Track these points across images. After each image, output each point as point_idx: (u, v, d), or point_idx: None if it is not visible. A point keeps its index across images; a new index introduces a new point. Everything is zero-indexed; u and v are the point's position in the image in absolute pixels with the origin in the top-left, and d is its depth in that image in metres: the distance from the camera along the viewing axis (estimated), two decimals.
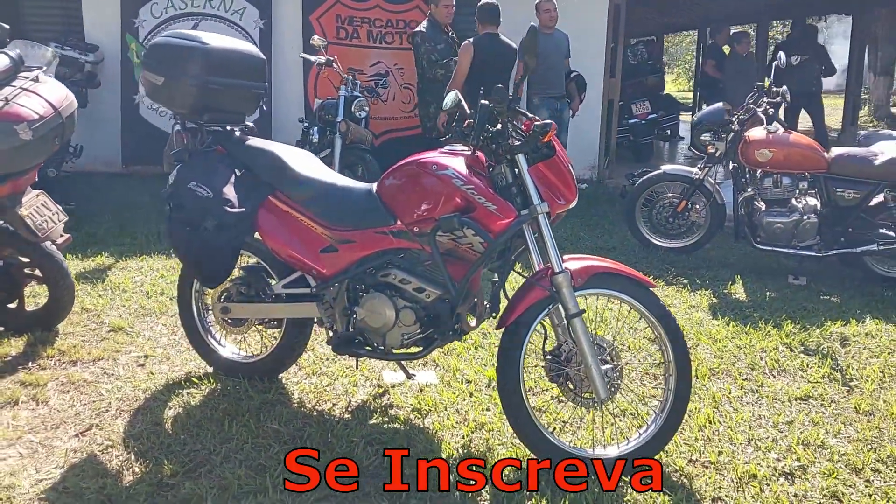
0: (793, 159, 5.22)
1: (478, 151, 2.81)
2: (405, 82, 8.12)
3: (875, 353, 3.97)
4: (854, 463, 2.88)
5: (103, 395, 3.25)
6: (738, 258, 5.84)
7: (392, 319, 2.88)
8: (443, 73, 6.45)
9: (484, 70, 6.10)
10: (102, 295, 4.52)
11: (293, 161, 3.08)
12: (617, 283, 2.79)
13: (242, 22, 7.89)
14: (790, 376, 3.68)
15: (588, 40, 7.94)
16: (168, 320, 4.13)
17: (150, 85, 3.10)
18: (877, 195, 5.12)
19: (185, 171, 3.01)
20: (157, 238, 5.78)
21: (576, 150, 7.87)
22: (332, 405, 3.18)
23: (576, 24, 7.57)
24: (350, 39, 7.94)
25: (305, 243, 3.00)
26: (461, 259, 2.80)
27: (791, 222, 5.22)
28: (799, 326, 4.29)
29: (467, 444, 2.91)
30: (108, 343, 3.82)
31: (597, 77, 8.06)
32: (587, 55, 7.88)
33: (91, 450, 2.83)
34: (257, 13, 7.91)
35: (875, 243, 5.07)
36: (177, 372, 3.48)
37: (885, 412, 3.30)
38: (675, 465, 2.83)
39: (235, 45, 3.18)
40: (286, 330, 3.25)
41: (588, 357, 2.70)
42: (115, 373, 3.47)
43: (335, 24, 7.93)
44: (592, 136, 8.22)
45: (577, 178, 2.91)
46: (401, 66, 8.12)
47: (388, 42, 8.04)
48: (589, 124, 8.07)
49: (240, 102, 3.21)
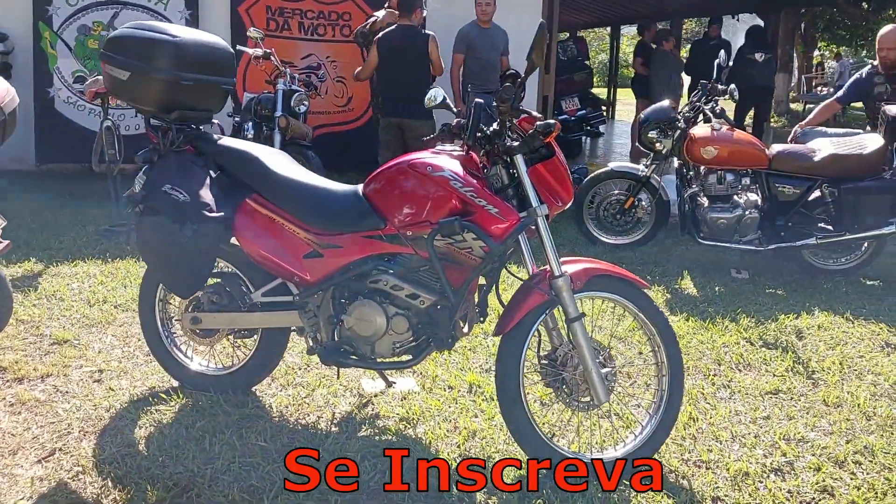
0: (736, 156, 5.34)
1: (470, 152, 2.73)
2: (338, 75, 7.93)
3: (830, 345, 4.10)
4: (836, 456, 2.95)
5: (61, 416, 3.01)
6: (681, 253, 5.96)
7: (383, 327, 2.77)
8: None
9: (391, 62, 6.05)
10: (37, 304, 4.21)
11: (271, 161, 2.92)
12: (613, 285, 2.76)
13: (167, 12, 7.51)
14: (756, 371, 3.76)
15: (523, 36, 7.92)
16: (117, 330, 3.88)
17: (113, 80, 2.88)
18: (815, 190, 5.30)
19: (157, 173, 2.80)
20: (87, 242, 5.44)
21: None
22: (317, 418, 3.04)
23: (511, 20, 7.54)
24: (281, 31, 7.68)
25: (287, 249, 2.85)
26: (457, 263, 2.70)
27: (734, 217, 5.34)
28: (754, 321, 4.39)
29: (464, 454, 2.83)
30: (53, 357, 3.55)
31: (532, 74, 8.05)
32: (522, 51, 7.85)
33: (59, 477, 2.60)
34: (183, 3, 7.54)
35: (814, 237, 5.25)
36: (139, 387, 3.26)
37: (852, 404, 3.40)
38: (669, 465, 2.83)
39: (205, 38, 2.99)
40: (261, 340, 3.09)
41: (588, 361, 2.66)
42: (70, 390, 3.22)
43: (265, 16, 7.66)
44: None
45: None
46: (333, 58, 7.93)
47: (321, 34, 7.83)
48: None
49: (210, 99, 3.02)
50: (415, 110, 6.06)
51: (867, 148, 5.14)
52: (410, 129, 6.12)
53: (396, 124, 6.19)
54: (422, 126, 6.09)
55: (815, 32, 23.24)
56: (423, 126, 6.08)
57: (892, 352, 4.03)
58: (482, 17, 6.80)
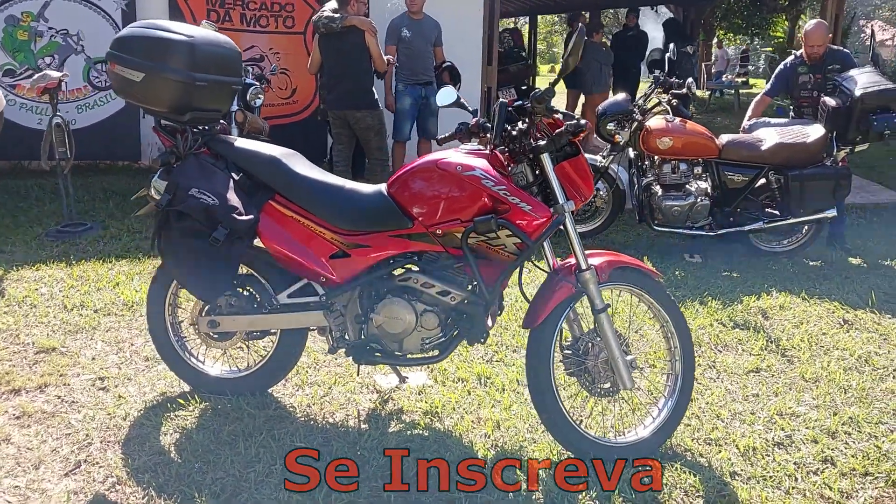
0: (689, 147, 5.59)
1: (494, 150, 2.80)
2: (282, 67, 7.81)
3: (794, 323, 4.37)
4: (829, 428, 3.18)
5: (75, 427, 2.92)
6: (635, 239, 6.20)
7: (412, 324, 2.81)
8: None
9: (330, 54, 6.06)
10: (9, 312, 4.04)
11: (291, 162, 2.91)
12: (632, 276, 2.89)
13: (101, 3, 7.23)
14: (734, 350, 3.98)
15: (465, 27, 8.02)
16: (106, 336, 3.77)
17: (124, 81, 2.79)
18: (761, 178, 5.61)
19: (180, 177, 2.74)
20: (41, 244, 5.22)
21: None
22: (345, 416, 3.06)
23: (452, 11, 7.60)
24: (222, 22, 7.49)
25: (312, 249, 2.85)
26: (488, 259, 2.77)
27: (687, 205, 5.60)
28: (720, 303, 4.63)
29: (496, 444, 2.91)
30: (44, 367, 3.43)
31: (475, 65, 8.17)
32: (464, 42, 7.96)
33: (95, 489, 2.55)
34: None
35: (762, 221, 5.56)
36: (149, 393, 3.19)
37: (828, 379, 3.65)
38: (684, 444, 2.99)
39: (215, 37, 2.94)
40: (280, 340, 3.07)
41: (615, 350, 2.78)
42: (78, 400, 3.13)
43: (205, 6, 7.46)
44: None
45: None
46: (276, 50, 7.81)
47: (263, 25, 7.69)
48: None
49: (221, 99, 2.97)
50: (357, 101, 6.06)
51: (810, 137, 5.47)
52: (355, 120, 6.12)
53: (342, 116, 6.18)
54: (366, 116, 6.09)
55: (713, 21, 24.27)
56: (367, 116, 6.09)
57: (850, 328, 4.33)
58: (412, 7, 6.79)
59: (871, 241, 6.27)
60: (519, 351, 3.77)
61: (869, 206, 7.37)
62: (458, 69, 7.06)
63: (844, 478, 2.82)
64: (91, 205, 6.35)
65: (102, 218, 6.00)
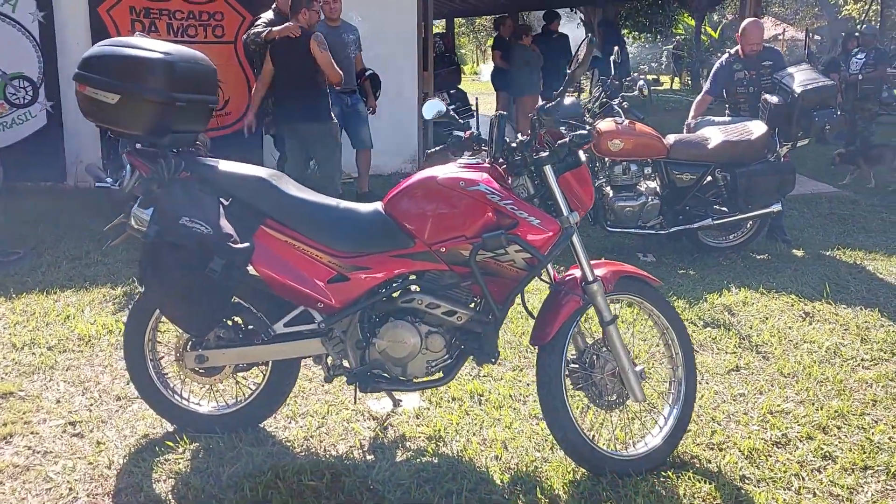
0: (639, 148, 5.66)
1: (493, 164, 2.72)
2: None
3: (760, 318, 4.46)
4: (819, 423, 3.24)
5: (55, 481, 2.69)
6: (588, 241, 6.23)
7: (417, 347, 2.71)
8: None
9: (280, 66, 5.89)
10: None
11: (280, 183, 2.76)
12: (635, 285, 2.87)
13: (16, 14, 6.80)
14: (710, 350, 4.03)
15: (399, 33, 7.93)
16: (66, 375, 3.51)
17: (95, 104, 2.58)
18: (708, 175, 5.73)
19: (167, 205, 2.55)
20: None
21: (394, 143, 7.86)
22: (348, 447, 2.92)
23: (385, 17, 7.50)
24: (147, 33, 7.15)
25: (309, 274, 2.70)
26: (496, 276, 2.69)
27: (638, 205, 5.66)
28: (686, 302, 4.69)
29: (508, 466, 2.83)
30: (4, 414, 3.16)
31: (410, 70, 8.09)
32: (399, 47, 7.87)
33: None
34: (34, 4, 6.85)
35: (710, 218, 5.68)
36: (130, 437, 2.98)
37: (804, 374, 3.73)
38: (690, 451, 2.99)
39: (191, 54, 2.76)
40: (272, 372, 2.91)
41: (625, 362, 2.75)
42: (51, 449, 2.89)
43: (129, 17, 7.10)
44: (411, 129, 8.25)
45: (398, 172, 2.93)
46: None
47: (191, 35, 7.38)
48: (407, 117, 8.09)
49: (199, 119, 2.80)
50: (307, 114, 5.89)
51: (753, 134, 5.61)
52: (307, 132, 5.95)
53: (293, 129, 6.00)
54: (319, 129, 5.93)
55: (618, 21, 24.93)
56: (320, 128, 5.93)
57: (812, 320, 4.45)
58: (330, 14, 6.67)
59: (806, 232, 6.51)
60: (504, 364, 3.71)
61: (799, 197, 7.65)
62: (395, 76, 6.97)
63: (847, 473, 2.87)
64: (18, 230, 5.93)
65: (34, 244, 5.62)
